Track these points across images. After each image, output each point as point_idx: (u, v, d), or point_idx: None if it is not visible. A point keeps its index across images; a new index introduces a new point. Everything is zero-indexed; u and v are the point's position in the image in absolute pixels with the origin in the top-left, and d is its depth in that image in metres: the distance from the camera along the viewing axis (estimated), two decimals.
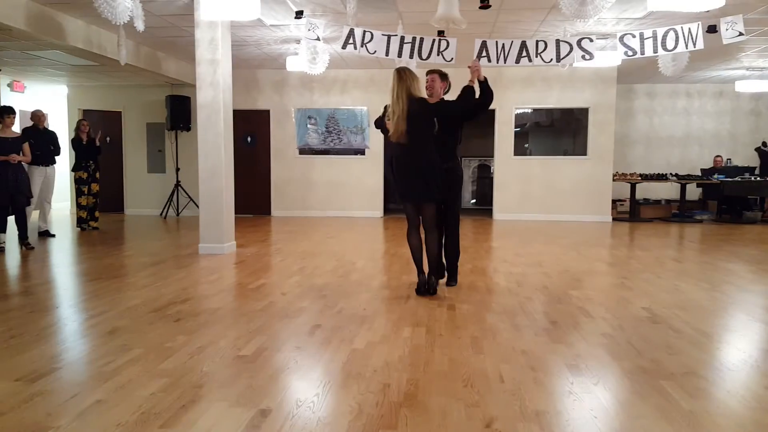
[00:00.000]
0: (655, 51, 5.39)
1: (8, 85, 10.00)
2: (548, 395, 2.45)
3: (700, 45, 5.11)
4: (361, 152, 10.33)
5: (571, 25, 6.73)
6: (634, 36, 5.46)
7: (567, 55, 5.60)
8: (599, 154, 9.82)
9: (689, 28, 5.10)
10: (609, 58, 7.28)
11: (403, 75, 4.06)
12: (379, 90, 10.04)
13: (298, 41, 7.58)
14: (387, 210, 10.69)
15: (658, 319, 3.65)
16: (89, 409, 2.29)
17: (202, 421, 2.19)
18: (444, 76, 4.41)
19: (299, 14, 6.12)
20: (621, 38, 5.53)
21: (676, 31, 5.28)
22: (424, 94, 4.22)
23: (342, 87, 10.20)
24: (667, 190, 10.92)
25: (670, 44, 5.30)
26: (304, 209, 10.46)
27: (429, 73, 4.35)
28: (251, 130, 10.49)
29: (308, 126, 10.34)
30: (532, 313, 3.76)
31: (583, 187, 9.87)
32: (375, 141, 10.19)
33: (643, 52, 5.45)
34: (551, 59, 5.62)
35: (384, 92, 10.01)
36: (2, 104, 7.42)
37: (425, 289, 4.23)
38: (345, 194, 10.37)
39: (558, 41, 5.58)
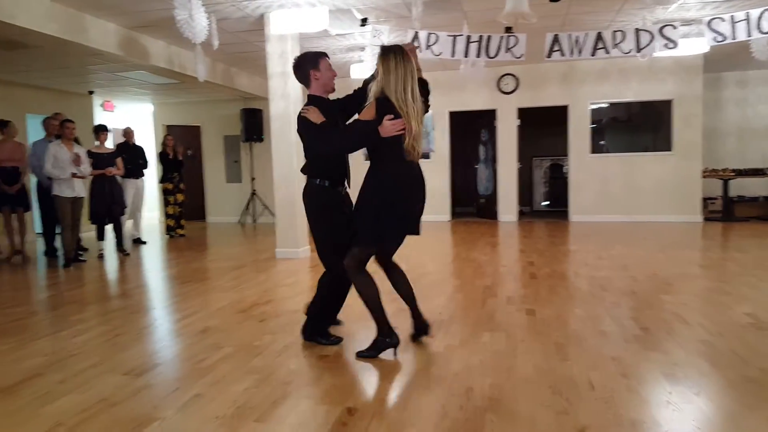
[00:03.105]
0: (749, 34, 5.02)
1: (100, 105, 10.77)
2: (644, 404, 2.31)
3: None
4: (426, 156, 10.25)
5: (650, 13, 6.40)
6: (723, 20, 5.12)
7: (648, 44, 5.35)
8: (685, 149, 9.24)
9: None
10: (694, 45, 6.85)
11: (409, 54, 2.85)
12: (443, 92, 9.94)
13: (362, 48, 7.67)
14: (455, 214, 10.58)
15: (763, 325, 3.36)
16: (189, 402, 2.43)
17: (292, 416, 2.26)
18: None
19: (364, 21, 6.19)
20: (708, 23, 5.21)
21: None
22: None
23: None
24: (766, 186, 10.10)
25: (765, 26, 4.92)
26: None
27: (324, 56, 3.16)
28: None
29: None
30: (620, 319, 3.58)
31: (668, 185, 9.32)
32: (440, 144, 10.12)
33: (734, 37, 5.10)
34: (630, 50, 5.38)
35: (447, 94, 9.97)
36: (97, 123, 7.97)
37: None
38: None
39: (637, 30, 5.34)
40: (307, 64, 3.10)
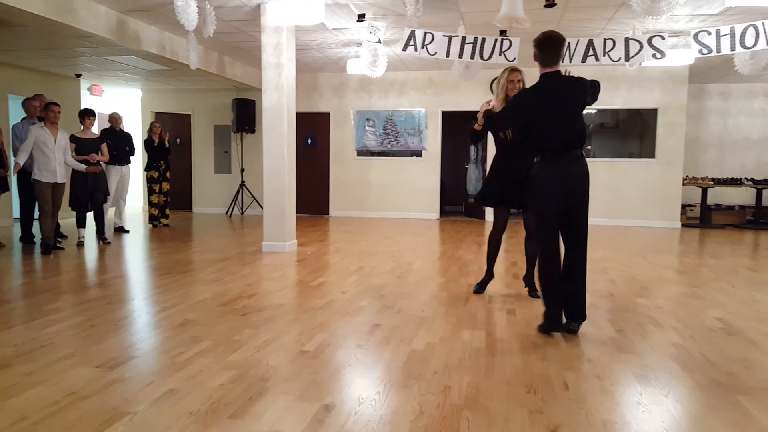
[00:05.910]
0: (733, 49, 5.12)
1: (88, 89, 10.64)
2: (615, 405, 2.38)
3: None
4: (418, 154, 10.33)
5: (641, 23, 6.49)
6: (709, 33, 5.22)
7: (637, 53, 5.42)
8: (668, 157, 9.41)
9: None
10: (681, 56, 6.99)
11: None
12: (437, 92, 10.04)
13: (359, 44, 7.67)
14: (443, 212, 10.64)
15: (733, 330, 3.47)
16: (163, 397, 2.40)
17: (268, 413, 2.26)
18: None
19: (361, 17, 6.20)
20: (695, 36, 5.30)
21: (756, 28, 5.01)
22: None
23: (400, 89, 10.24)
24: (742, 196, 10.29)
25: (749, 41, 5.03)
26: (361, 210, 10.57)
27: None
28: (311, 133, 10.69)
29: (366, 128, 10.45)
30: (597, 321, 3.65)
31: (651, 191, 9.48)
32: (432, 142, 10.18)
33: (719, 50, 5.20)
34: (619, 58, 5.46)
35: (441, 94, 10.07)
36: (83, 107, 7.86)
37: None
38: (401, 196, 10.39)
39: (627, 39, 5.41)
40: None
